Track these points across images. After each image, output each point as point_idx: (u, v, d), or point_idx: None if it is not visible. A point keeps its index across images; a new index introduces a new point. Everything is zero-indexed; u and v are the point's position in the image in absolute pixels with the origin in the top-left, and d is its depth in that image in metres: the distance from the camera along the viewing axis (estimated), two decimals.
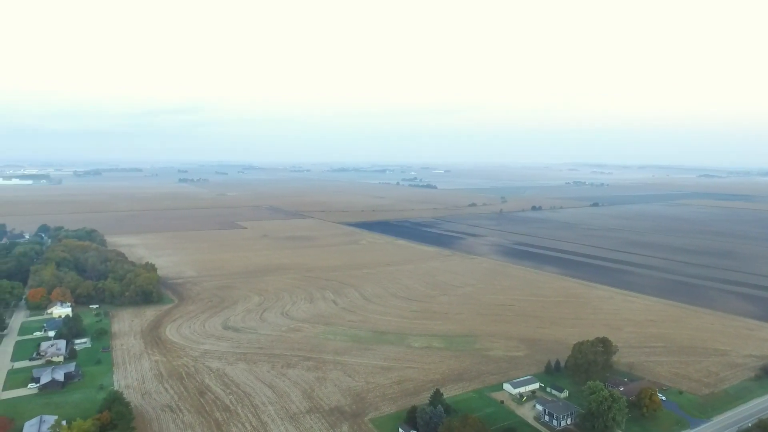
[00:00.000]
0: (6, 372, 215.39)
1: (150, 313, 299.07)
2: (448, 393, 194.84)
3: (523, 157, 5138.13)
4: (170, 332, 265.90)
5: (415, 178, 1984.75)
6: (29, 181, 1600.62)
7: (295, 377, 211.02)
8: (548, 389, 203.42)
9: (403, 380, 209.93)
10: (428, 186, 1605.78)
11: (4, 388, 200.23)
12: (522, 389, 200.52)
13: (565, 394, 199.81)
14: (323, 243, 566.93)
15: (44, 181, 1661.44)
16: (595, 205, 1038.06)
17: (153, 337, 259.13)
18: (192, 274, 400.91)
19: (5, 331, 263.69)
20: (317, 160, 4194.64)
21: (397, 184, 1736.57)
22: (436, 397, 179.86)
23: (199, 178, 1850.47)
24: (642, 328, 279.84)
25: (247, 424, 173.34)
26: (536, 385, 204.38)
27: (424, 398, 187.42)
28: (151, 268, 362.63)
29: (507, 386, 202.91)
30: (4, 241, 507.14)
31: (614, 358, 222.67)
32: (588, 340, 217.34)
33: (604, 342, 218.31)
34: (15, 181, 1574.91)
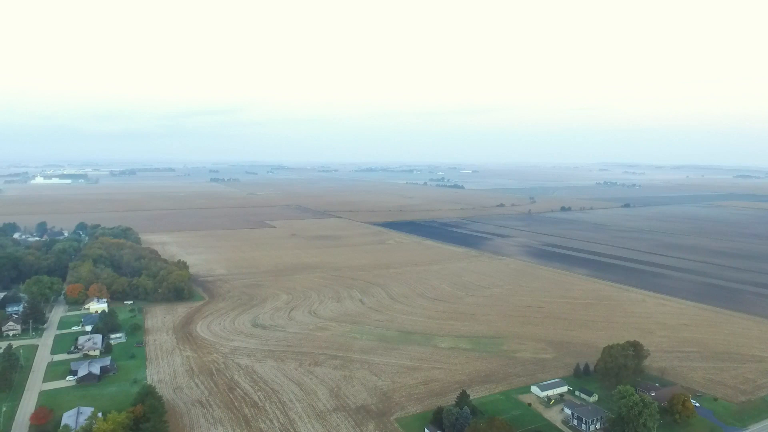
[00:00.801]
0: (46, 364, 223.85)
1: (182, 309, 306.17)
2: (475, 394, 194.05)
3: (553, 157, 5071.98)
4: (201, 329, 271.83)
5: (443, 178, 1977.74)
6: (68, 181, 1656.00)
7: (322, 375, 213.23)
8: (577, 393, 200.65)
9: (430, 380, 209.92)
10: (456, 186, 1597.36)
11: (45, 380, 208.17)
12: (550, 392, 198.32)
13: (594, 398, 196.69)
14: (351, 242, 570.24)
15: (82, 180, 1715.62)
16: (627, 206, 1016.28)
17: (184, 333, 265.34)
18: (222, 272, 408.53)
19: (45, 325, 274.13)
20: (345, 160, 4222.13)
21: (425, 184, 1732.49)
22: (463, 398, 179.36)
23: (229, 178, 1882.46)
24: (675, 332, 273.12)
25: (275, 421, 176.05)
26: (564, 389, 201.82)
27: (450, 399, 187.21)
28: (183, 265, 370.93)
29: (534, 389, 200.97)
30: (45, 238, 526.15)
31: (646, 362, 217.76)
32: (618, 344, 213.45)
33: (635, 346, 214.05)
34: (55, 181, 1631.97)
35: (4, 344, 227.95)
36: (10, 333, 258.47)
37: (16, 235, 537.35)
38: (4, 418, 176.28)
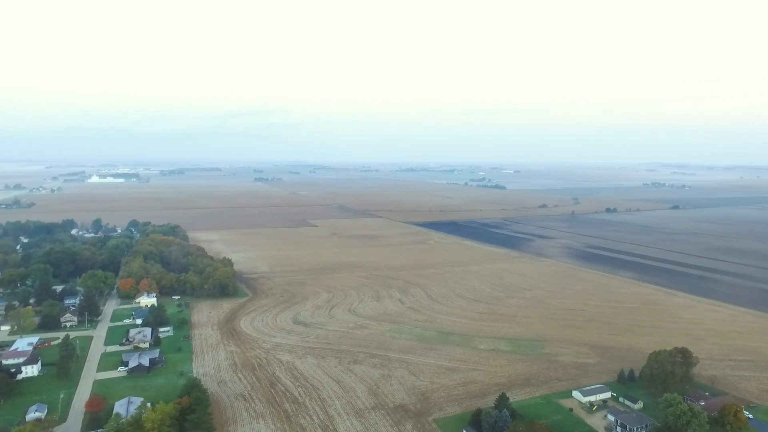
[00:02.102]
0: (100, 355, 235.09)
1: (226, 305, 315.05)
2: (515, 397, 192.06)
3: (598, 157, 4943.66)
4: (244, 324, 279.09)
5: (484, 179, 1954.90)
6: (122, 180, 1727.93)
7: (361, 373, 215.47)
8: (621, 399, 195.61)
9: (468, 382, 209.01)
10: (497, 186, 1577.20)
11: (98, 370, 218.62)
12: (592, 398, 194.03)
13: (639, 405, 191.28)
14: (391, 242, 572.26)
15: (134, 179, 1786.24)
16: (676, 207, 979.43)
17: (229, 328, 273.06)
18: (265, 270, 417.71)
19: (99, 317, 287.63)
20: (386, 160, 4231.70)
21: (465, 184, 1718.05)
22: (502, 400, 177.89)
23: (273, 178, 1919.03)
24: (726, 339, 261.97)
25: (314, 417, 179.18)
26: (608, 394, 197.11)
27: (489, 401, 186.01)
28: (228, 262, 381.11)
29: (576, 394, 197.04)
30: (100, 234, 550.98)
31: (694, 370, 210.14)
32: (665, 350, 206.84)
33: (684, 352, 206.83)
34: (110, 179, 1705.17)
35: (62, 335, 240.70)
36: (68, 324, 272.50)
37: (73, 232, 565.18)
38: (62, 404, 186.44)
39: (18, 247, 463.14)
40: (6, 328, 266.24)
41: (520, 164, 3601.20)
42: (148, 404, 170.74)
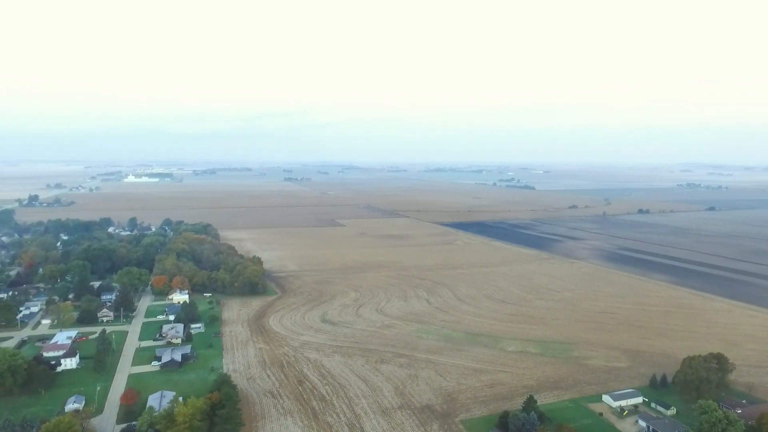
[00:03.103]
0: (134, 349, 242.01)
1: (256, 303, 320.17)
2: (542, 400, 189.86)
3: (630, 157, 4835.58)
4: (273, 322, 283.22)
5: (513, 179, 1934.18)
6: (156, 179, 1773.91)
7: (387, 373, 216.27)
8: (653, 405, 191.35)
9: (496, 384, 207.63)
10: (526, 187, 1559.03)
11: (133, 364, 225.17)
12: (623, 402, 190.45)
13: (672, 411, 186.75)
14: (418, 242, 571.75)
15: (168, 179, 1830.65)
16: (712, 209, 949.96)
17: (258, 326, 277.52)
18: (294, 269, 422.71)
19: (134, 313, 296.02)
20: (414, 160, 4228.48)
21: (494, 184, 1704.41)
22: (530, 403, 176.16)
23: (302, 178, 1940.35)
24: (765, 345, 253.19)
25: (341, 415, 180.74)
26: (639, 399, 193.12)
27: (516, 404, 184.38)
28: (257, 261, 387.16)
29: (606, 398, 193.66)
30: (135, 232, 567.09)
31: (730, 376, 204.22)
32: (700, 355, 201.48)
33: (719, 358, 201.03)
34: (145, 179, 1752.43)
35: (98, 329, 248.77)
36: (104, 319, 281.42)
37: (110, 229, 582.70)
38: (98, 396, 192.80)
39: (58, 244, 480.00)
40: (47, 321, 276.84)
41: (550, 164, 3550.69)
42: (180, 398, 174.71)
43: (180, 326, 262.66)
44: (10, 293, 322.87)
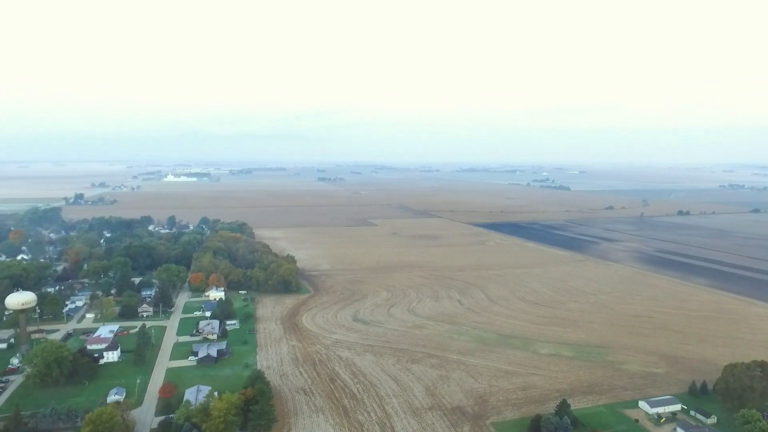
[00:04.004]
0: (172, 344, 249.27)
1: (289, 301, 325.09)
2: (576, 405, 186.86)
3: (669, 157, 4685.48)
4: (306, 320, 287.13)
5: (547, 179, 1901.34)
6: (194, 179, 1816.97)
7: (418, 373, 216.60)
8: (692, 413, 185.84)
9: (528, 386, 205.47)
10: (561, 187, 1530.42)
11: (171, 358, 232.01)
12: (660, 409, 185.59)
13: (712, 420, 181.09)
14: (450, 242, 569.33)
15: (206, 178, 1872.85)
16: (756, 211, 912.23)
17: (291, 323, 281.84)
18: (327, 267, 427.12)
19: (172, 309, 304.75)
20: (447, 160, 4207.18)
21: (528, 185, 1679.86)
22: (563, 407, 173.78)
23: (335, 177, 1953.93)
24: None
25: (372, 414, 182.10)
26: (677, 407, 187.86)
27: (549, 407, 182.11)
28: (291, 260, 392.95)
29: (643, 404, 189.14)
30: (174, 230, 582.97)
31: None
32: (743, 363, 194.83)
33: (763, 366, 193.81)
34: (183, 179, 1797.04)
35: (139, 324, 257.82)
36: (144, 314, 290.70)
37: (150, 227, 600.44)
38: (138, 389, 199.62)
39: (102, 241, 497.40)
40: (91, 316, 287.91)
41: (586, 165, 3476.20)
42: (216, 393, 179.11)
43: (216, 323, 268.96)
44: (57, 288, 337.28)
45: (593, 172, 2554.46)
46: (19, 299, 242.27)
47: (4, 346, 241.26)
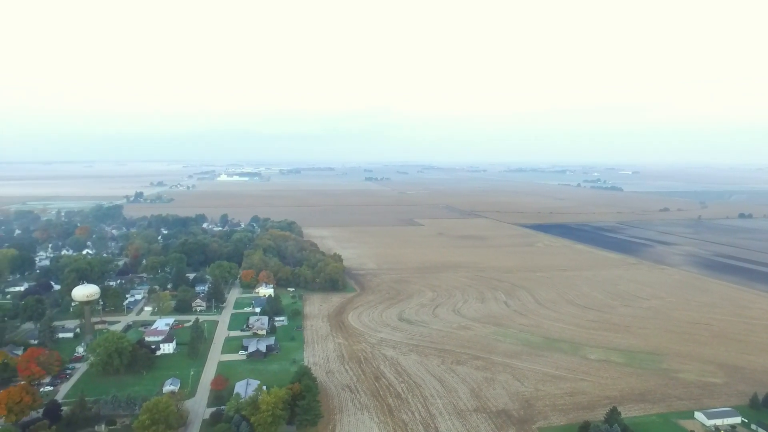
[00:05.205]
0: (224, 339, 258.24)
1: (336, 299, 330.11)
2: (627, 413, 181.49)
3: (730, 157, 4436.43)
4: (352, 318, 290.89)
5: (598, 180, 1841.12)
6: (246, 178, 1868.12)
7: (463, 374, 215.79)
8: (753, 426, 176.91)
9: (576, 392, 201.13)
10: (613, 188, 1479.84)
11: (222, 352, 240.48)
12: (718, 421, 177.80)
13: None
14: (497, 243, 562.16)
15: (257, 178, 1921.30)
16: None
17: (337, 321, 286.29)
18: (372, 267, 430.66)
19: (224, 304, 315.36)
20: (494, 160, 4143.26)
21: (578, 185, 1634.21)
22: (613, 415, 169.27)
23: (382, 177, 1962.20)
24: None
25: (416, 414, 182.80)
26: (737, 419, 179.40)
27: (598, 415, 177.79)
28: (338, 258, 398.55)
29: (699, 415, 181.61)
30: (226, 228, 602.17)
31: None
32: None
33: None
34: (235, 178, 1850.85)
35: (192, 318, 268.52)
36: (198, 309, 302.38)
37: (204, 225, 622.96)
38: (192, 380, 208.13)
39: (159, 237, 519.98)
40: (148, 309, 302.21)
41: (640, 164, 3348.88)
42: (264, 387, 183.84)
43: (265, 318, 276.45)
44: (119, 281, 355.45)
45: (647, 173, 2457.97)
46: (84, 291, 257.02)
47: (70, 335, 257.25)
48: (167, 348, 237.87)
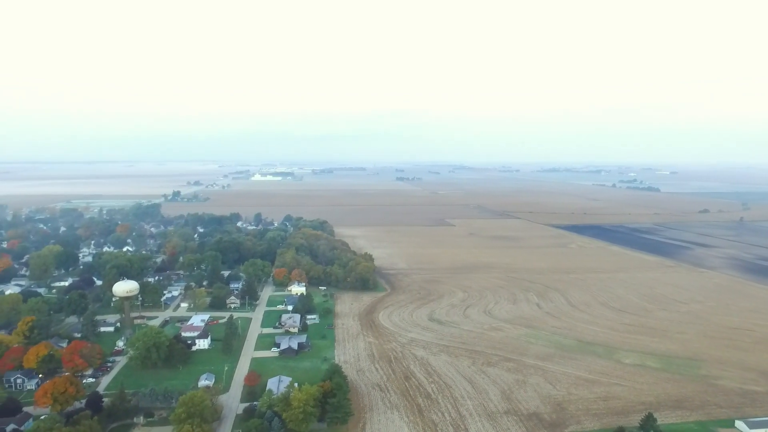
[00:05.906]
0: (257, 335, 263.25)
1: (366, 298, 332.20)
2: (663, 419, 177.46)
3: None
4: (383, 318, 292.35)
5: (635, 180, 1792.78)
6: (279, 178, 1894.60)
7: (494, 376, 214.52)
8: None
9: (610, 397, 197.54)
10: (650, 189, 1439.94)
11: (255, 348, 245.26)
12: (761, 431, 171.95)
13: None
14: (529, 244, 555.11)
15: (290, 177, 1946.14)
16: None
17: (368, 320, 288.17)
18: (403, 266, 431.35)
19: (257, 302, 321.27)
20: (527, 160, 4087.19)
21: (614, 185, 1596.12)
22: (649, 421, 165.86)
23: (413, 177, 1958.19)
24: None
25: (446, 414, 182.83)
26: None
27: (633, 420, 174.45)
28: (369, 258, 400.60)
29: (740, 424, 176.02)
30: (260, 227, 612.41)
31: None
32: None
33: None
34: (269, 178, 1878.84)
35: (227, 314, 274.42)
36: (232, 306, 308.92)
37: (239, 224, 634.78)
38: (226, 375, 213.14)
39: (195, 235, 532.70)
40: (185, 305, 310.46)
41: (678, 164, 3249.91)
42: (296, 384, 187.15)
43: (297, 316, 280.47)
44: (157, 278, 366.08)
45: (686, 173, 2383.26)
46: (124, 287, 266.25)
47: (111, 329, 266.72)
48: (202, 344, 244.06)
